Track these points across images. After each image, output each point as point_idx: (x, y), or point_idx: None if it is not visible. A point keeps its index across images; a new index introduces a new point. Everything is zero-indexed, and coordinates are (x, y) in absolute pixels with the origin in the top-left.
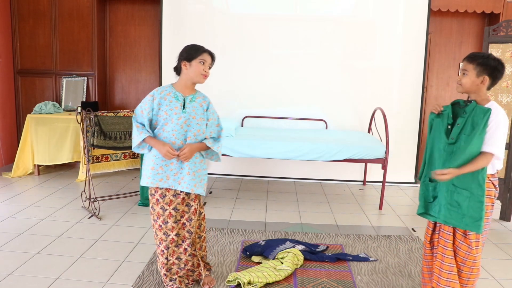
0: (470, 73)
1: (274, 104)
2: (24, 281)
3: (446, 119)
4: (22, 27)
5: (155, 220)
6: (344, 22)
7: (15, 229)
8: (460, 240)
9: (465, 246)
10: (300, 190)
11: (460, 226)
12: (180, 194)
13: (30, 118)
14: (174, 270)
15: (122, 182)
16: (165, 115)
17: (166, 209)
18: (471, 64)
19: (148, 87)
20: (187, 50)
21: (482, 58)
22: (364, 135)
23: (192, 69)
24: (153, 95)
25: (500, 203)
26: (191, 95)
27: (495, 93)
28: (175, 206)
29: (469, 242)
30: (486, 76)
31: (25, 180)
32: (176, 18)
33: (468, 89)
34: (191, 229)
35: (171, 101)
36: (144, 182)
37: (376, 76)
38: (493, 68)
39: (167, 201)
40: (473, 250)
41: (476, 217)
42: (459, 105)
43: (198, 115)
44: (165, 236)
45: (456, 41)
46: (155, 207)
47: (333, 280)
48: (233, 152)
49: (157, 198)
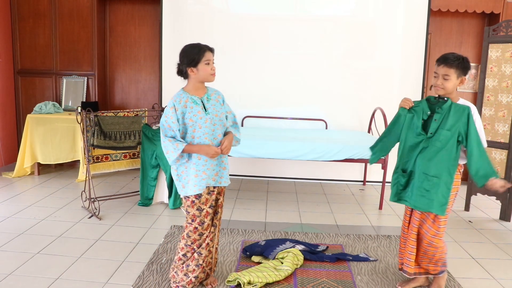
0: (452, 76)
1: (274, 104)
2: (24, 281)
3: (421, 114)
4: (22, 27)
5: (190, 223)
6: (344, 22)
7: (15, 229)
8: (429, 225)
9: (433, 231)
10: (300, 190)
11: (428, 209)
12: (214, 191)
13: (30, 118)
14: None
15: (122, 182)
16: (191, 122)
17: (202, 209)
18: (452, 69)
19: (148, 87)
20: (188, 55)
21: (458, 60)
22: (364, 135)
23: (200, 73)
24: (174, 106)
25: (500, 203)
26: (205, 95)
27: (495, 93)
28: (211, 203)
29: (437, 226)
30: (463, 76)
31: (25, 180)
32: (176, 18)
33: (450, 91)
34: (217, 222)
35: (192, 107)
36: (191, 192)
37: (376, 76)
38: (467, 67)
39: (203, 201)
40: (440, 234)
41: (442, 202)
42: (430, 101)
43: (219, 111)
44: (199, 236)
45: (456, 41)
46: (190, 210)
47: (333, 280)
48: (233, 152)
49: (192, 200)
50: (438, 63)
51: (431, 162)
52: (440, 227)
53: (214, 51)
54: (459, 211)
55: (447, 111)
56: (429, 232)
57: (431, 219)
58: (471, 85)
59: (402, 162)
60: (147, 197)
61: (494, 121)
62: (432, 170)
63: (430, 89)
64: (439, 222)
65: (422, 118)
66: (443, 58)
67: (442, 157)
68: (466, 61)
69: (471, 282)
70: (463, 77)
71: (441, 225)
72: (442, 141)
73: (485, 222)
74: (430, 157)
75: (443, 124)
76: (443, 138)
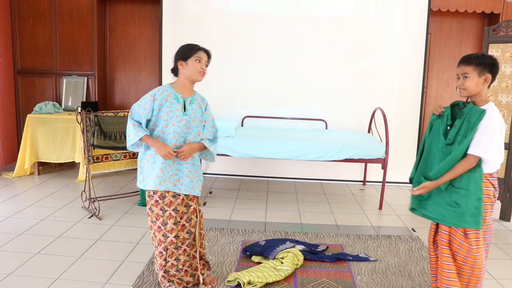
0: (471, 74)
1: (274, 104)
2: (24, 281)
3: (445, 120)
4: (22, 27)
5: (154, 221)
6: (344, 22)
7: (15, 229)
8: (460, 240)
9: (466, 246)
10: (300, 190)
11: (460, 225)
12: (180, 195)
13: (30, 118)
14: (172, 272)
15: (122, 182)
16: (166, 117)
17: (166, 210)
18: (470, 66)
19: (148, 87)
20: (182, 50)
21: (478, 58)
22: (364, 135)
23: (188, 68)
24: (154, 95)
25: (500, 203)
26: (190, 97)
27: (495, 93)
28: (175, 207)
29: (469, 241)
30: (487, 73)
31: (25, 180)
32: (176, 18)
33: (473, 92)
34: (191, 229)
35: (172, 102)
36: (149, 186)
37: (376, 76)
38: (491, 65)
39: (167, 202)
40: (473, 249)
41: (475, 214)
42: (459, 106)
43: (198, 117)
44: (164, 237)
45: (456, 41)
46: (153, 209)
47: (333, 280)
48: (233, 152)
49: (156, 200)
50: (458, 63)
51: None
52: (472, 241)
53: (210, 55)
54: None
55: (466, 116)
56: (463, 248)
57: (462, 233)
58: None
59: (423, 169)
60: None
61: None
62: (457, 181)
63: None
64: (470, 235)
65: (446, 123)
66: (462, 57)
67: None
68: (487, 57)
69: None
70: (487, 75)
71: (473, 239)
72: (465, 149)
73: None
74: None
75: (461, 130)
76: (465, 146)
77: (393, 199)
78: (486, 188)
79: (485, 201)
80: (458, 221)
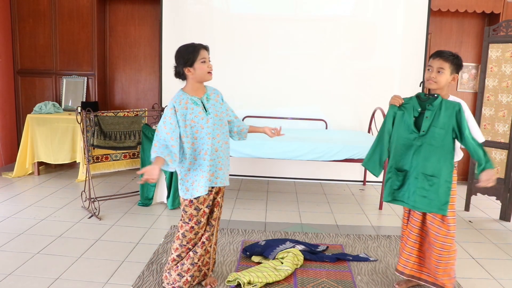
0: (446, 71)
1: (274, 104)
2: (24, 281)
3: (412, 111)
4: (22, 27)
5: (187, 222)
6: (344, 22)
7: (15, 229)
8: (438, 226)
9: (443, 231)
10: (300, 190)
11: (430, 210)
12: (212, 190)
13: (30, 118)
14: (186, 266)
15: (122, 182)
16: (193, 123)
17: (200, 209)
18: (447, 63)
19: (148, 87)
20: (183, 56)
21: (453, 57)
22: (364, 135)
23: (197, 72)
24: (174, 107)
25: (500, 203)
26: (205, 95)
27: (495, 93)
28: (208, 203)
29: (447, 226)
30: (456, 74)
31: (25, 180)
32: (176, 18)
33: (442, 86)
34: (212, 222)
35: (193, 108)
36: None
37: (376, 76)
38: (460, 65)
39: (201, 201)
40: (450, 233)
41: (443, 201)
42: (421, 98)
43: (218, 111)
44: (195, 235)
45: (456, 41)
46: (187, 209)
47: (333, 280)
48: (233, 152)
49: (190, 200)
50: (433, 56)
51: (429, 162)
52: (449, 226)
53: (208, 49)
54: (459, 211)
55: (438, 108)
56: (440, 233)
57: (439, 219)
58: (471, 85)
59: (395, 161)
60: (147, 197)
61: (494, 121)
62: (430, 170)
63: (420, 85)
64: (448, 220)
65: (413, 115)
66: (438, 52)
67: (439, 156)
68: (460, 59)
69: (471, 282)
70: (456, 75)
71: (450, 224)
72: (437, 139)
73: (485, 222)
74: (426, 156)
75: (435, 122)
76: (438, 137)
77: None
78: (454, 174)
79: (454, 187)
80: (428, 207)
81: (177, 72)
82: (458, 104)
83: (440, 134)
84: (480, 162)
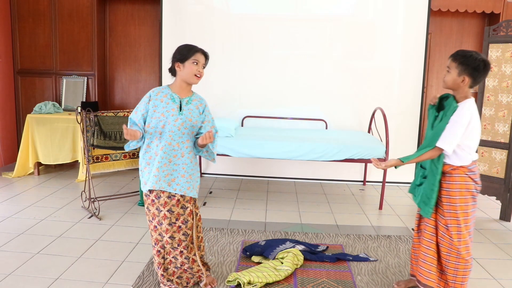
0: (452, 71)
1: (274, 104)
2: (24, 281)
3: (434, 111)
4: (22, 27)
5: (150, 220)
6: (344, 22)
7: (15, 229)
8: (443, 232)
9: (447, 238)
10: (300, 190)
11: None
12: (175, 196)
13: (30, 118)
14: (171, 270)
15: (122, 182)
16: (162, 117)
17: (161, 210)
18: (454, 63)
19: (148, 87)
20: (180, 51)
21: (464, 57)
22: (364, 135)
23: (185, 70)
24: (150, 96)
25: (500, 203)
26: (187, 97)
27: (495, 93)
28: (169, 208)
29: (450, 234)
30: (466, 76)
31: (25, 180)
32: (176, 18)
33: (450, 86)
34: (188, 231)
35: (168, 103)
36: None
37: (376, 76)
38: (473, 68)
39: (162, 203)
40: (454, 242)
41: (426, 202)
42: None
43: (194, 117)
44: (160, 236)
45: (456, 41)
46: (150, 208)
47: (333, 280)
48: (233, 152)
49: (152, 199)
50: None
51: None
52: (452, 234)
53: (208, 57)
54: None
55: (446, 109)
56: (444, 239)
57: (443, 225)
58: None
59: None
60: None
61: (494, 121)
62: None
63: None
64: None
65: (434, 114)
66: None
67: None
68: (473, 60)
69: (471, 282)
70: (465, 77)
71: (453, 232)
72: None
73: (485, 222)
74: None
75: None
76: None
77: (393, 199)
78: (464, 182)
79: (465, 194)
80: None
81: (170, 67)
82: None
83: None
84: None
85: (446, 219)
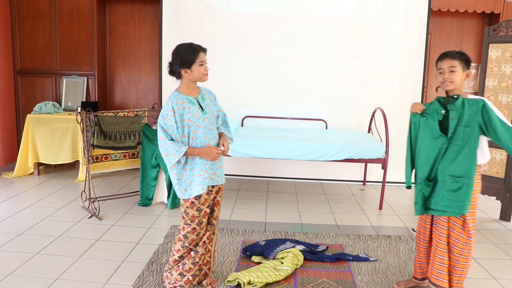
0: (458, 69)
1: (274, 104)
2: (24, 281)
3: (435, 115)
4: (22, 27)
5: (188, 223)
6: (344, 22)
7: (15, 229)
8: (459, 233)
9: (464, 238)
10: (300, 190)
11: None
12: (212, 191)
13: (30, 118)
14: (187, 266)
15: (122, 182)
16: (190, 123)
17: (201, 210)
18: (456, 61)
19: (148, 87)
20: (182, 56)
21: (461, 54)
22: (364, 135)
23: (193, 74)
24: (172, 109)
25: (500, 203)
26: (200, 95)
27: (495, 93)
28: (209, 203)
29: (467, 232)
30: (468, 70)
31: (25, 180)
32: (176, 18)
33: (458, 84)
34: (213, 221)
35: (189, 107)
36: (196, 192)
37: (376, 76)
38: (469, 61)
39: (202, 201)
40: (471, 241)
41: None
42: (440, 101)
43: (214, 111)
44: (197, 236)
45: (456, 41)
46: (188, 211)
47: (333, 280)
48: (233, 152)
49: (191, 201)
50: (440, 59)
51: (455, 163)
52: (470, 233)
53: (206, 50)
54: None
55: (461, 108)
56: (460, 240)
57: (460, 226)
58: (471, 85)
59: (424, 171)
60: (147, 197)
61: None
62: (459, 171)
63: (437, 91)
64: (469, 227)
65: (437, 119)
66: (443, 53)
67: (466, 155)
68: (466, 54)
69: (471, 282)
70: (468, 71)
71: (471, 230)
72: (463, 139)
73: (485, 222)
74: (453, 157)
75: (460, 121)
76: (463, 136)
77: (393, 199)
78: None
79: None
80: (459, 209)
81: (172, 70)
82: (481, 100)
83: (466, 133)
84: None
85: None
